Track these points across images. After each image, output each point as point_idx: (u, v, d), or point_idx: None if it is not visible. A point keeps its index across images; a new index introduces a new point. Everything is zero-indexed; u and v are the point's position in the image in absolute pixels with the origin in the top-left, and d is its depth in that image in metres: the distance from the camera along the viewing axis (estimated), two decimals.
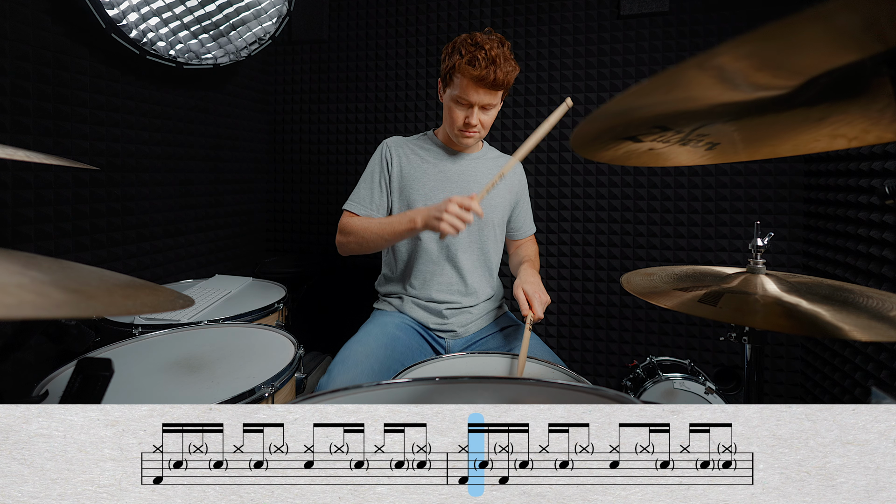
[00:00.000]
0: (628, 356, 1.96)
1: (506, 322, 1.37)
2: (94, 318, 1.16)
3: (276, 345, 1.05)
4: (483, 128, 1.22)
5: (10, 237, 1.18)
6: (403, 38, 2.14)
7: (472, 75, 1.11)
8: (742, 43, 0.30)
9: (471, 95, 1.14)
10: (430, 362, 0.96)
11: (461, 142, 1.25)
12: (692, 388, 1.48)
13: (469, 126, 1.19)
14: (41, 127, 1.25)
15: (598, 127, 0.52)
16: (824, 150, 0.55)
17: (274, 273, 1.99)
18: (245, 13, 1.70)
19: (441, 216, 0.99)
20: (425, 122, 2.14)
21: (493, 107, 1.19)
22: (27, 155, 0.71)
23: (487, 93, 1.14)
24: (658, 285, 0.84)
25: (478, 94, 1.14)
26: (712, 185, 1.85)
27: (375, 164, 1.31)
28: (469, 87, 1.14)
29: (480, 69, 1.10)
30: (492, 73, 1.10)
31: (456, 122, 1.20)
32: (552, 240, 2.01)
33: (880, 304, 0.68)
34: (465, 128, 1.20)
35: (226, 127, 2.00)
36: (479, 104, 1.16)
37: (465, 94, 1.15)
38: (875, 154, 1.42)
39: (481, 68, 1.10)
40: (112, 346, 1.03)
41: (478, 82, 1.12)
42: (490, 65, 1.10)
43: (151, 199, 1.62)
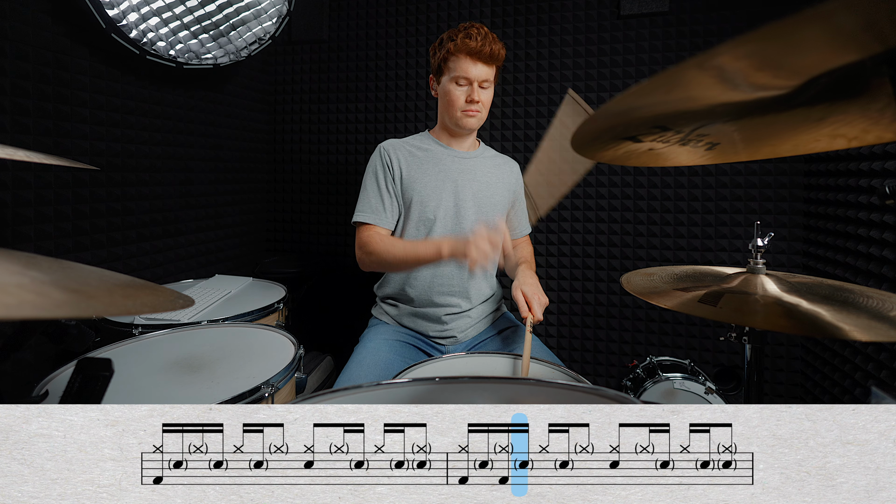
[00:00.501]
0: (628, 356, 1.96)
1: (504, 324, 1.37)
2: (94, 318, 1.16)
3: (276, 345, 1.05)
4: (483, 106, 1.26)
5: (10, 237, 1.18)
6: (403, 38, 2.14)
7: (470, 47, 1.18)
8: (742, 43, 0.30)
9: (469, 71, 1.20)
10: (430, 362, 0.96)
11: (464, 123, 1.26)
12: (692, 388, 1.48)
13: (472, 103, 1.23)
14: (41, 127, 1.25)
15: (598, 127, 0.52)
16: (824, 150, 0.55)
17: (274, 273, 1.99)
18: (245, 13, 1.70)
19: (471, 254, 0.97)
20: (425, 122, 2.14)
21: (489, 84, 1.25)
22: (27, 155, 0.71)
23: (485, 66, 1.21)
24: (658, 285, 0.84)
25: (476, 67, 1.20)
26: (712, 185, 1.85)
27: (378, 170, 1.28)
28: (467, 63, 1.20)
29: (477, 42, 1.18)
30: (488, 44, 1.18)
31: (458, 103, 1.23)
32: (552, 240, 2.01)
33: (880, 304, 0.68)
34: (467, 106, 1.23)
35: (226, 127, 2.00)
36: (478, 80, 1.21)
37: (464, 71, 1.20)
38: (875, 154, 1.42)
39: (478, 41, 1.18)
40: (112, 346, 1.03)
41: (475, 55, 1.19)
42: (485, 38, 1.19)
43: (151, 199, 1.62)
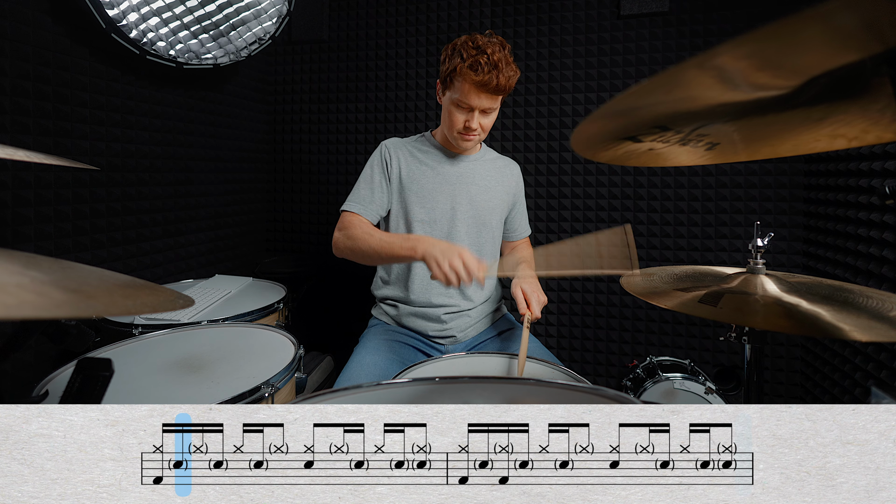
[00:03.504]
0: (628, 356, 1.96)
1: (504, 325, 1.37)
2: (94, 318, 1.16)
3: (276, 345, 1.05)
4: (483, 131, 1.21)
5: (10, 237, 1.18)
6: (403, 38, 2.14)
7: (474, 80, 1.09)
8: (742, 43, 0.30)
9: (472, 100, 1.13)
10: (430, 362, 0.96)
11: (460, 145, 1.23)
12: (692, 388, 1.48)
13: (469, 130, 1.18)
14: (41, 127, 1.25)
15: (598, 127, 0.52)
16: (824, 150, 0.55)
17: (274, 273, 1.99)
18: (245, 13, 1.70)
19: (442, 265, 0.93)
20: (425, 122, 2.14)
21: (493, 110, 1.18)
22: (27, 155, 0.71)
23: (489, 97, 1.13)
24: (658, 285, 0.84)
25: (479, 98, 1.12)
26: (712, 185, 1.85)
27: (375, 165, 1.28)
28: (470, 92, 1.12)
29: (483, 74, 1.08)
30: (494, 78, 1.08)
31: (455, 126, 1.19)
32: (552, 240, 2.01)
33: (880, 304, 0.68)
34: (464, 132, 1.19)
35: (226, 127, 2.00)
36: (480, 108, 1.15)
37: (465, 98, 1.13)
38: (875, 154, 1.42)
39: (483, 73, 1.08)
40: (112, 346, 1.03)
41: (480, 87, 1.10)
42: (492, 70, 1.08)
43: (151, 199, 1.62)
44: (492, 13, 2.05)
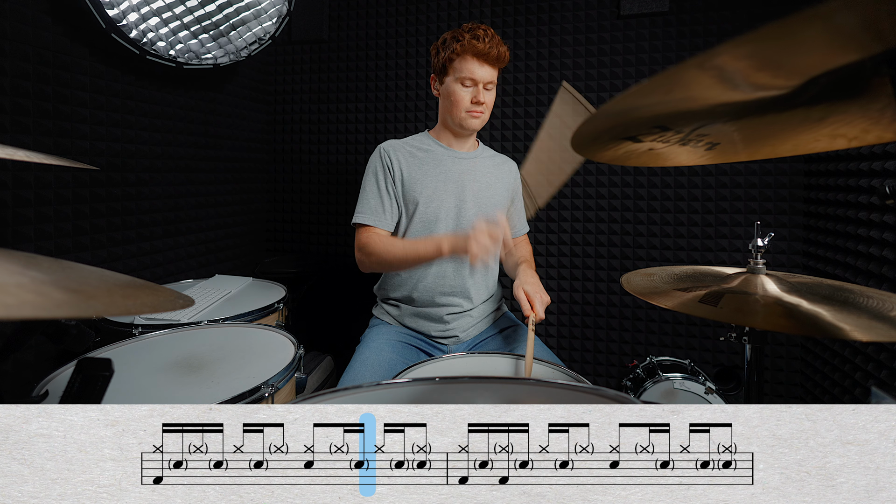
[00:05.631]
0: (628, 356, 1.96)
1: (505, 323, 1.37)
2: (94, 318, 1.16)
3: (276, 345, 1.05)
4: (487, 108, 1.26)
5: (10, 237, 1.18)
6: (403, 38, 2.14)
7: (477, 49, 1.18)
8: (742, 43, 0.30)
9: (476, 72, 1.20)
10: (430, 362, 0.96)
11: (468, 124, 1.26)
12: (692, 388, 1.48)
13: (477, 104, 1.23)
14: (41, 127, 1.25)
15: (598, 127, 0.52)
16: (824, 150, 0.55)
17: (274, 273, 1.99)
18: (245, 13, 1.70)
19: (470, 246, 0.98)
20: (425, 122, 2.14)
21: (493, 86, 1.25)
22: (27, 155, 0.71)
23: (490, 68, 1.21)
24: (658, 285, 0.84)
25: (482, 69, 1.20)
26: (712, 185, 1.85)
27: (378, 171, 1.28)
28: (473, 64, 1.19)
29: (485, 43, 1.17)
30: (495, 46, 1.18)
31: (462, 104, 1.23)
32: (552, 240, 2.01)
33: (880, 304, 0.68)
34: (472, 108, 1.23)
35: (226, 127, 2.00)
36: (484, 81, 1.21)
37: (470, 72, 1.20)
38: (875, 154, 1.42)
39: (485, 42, 1.17)
40: (112, 346, 1.03)
41: (482, 57, 1.19)
42: (492, 39, 1.19)
43: (151, 199, 1.62)
44: (492, 13, 2.05)
